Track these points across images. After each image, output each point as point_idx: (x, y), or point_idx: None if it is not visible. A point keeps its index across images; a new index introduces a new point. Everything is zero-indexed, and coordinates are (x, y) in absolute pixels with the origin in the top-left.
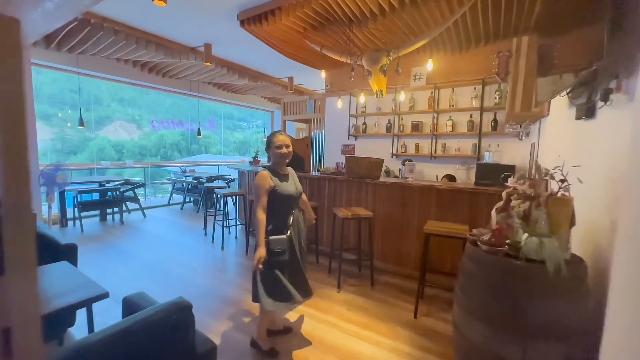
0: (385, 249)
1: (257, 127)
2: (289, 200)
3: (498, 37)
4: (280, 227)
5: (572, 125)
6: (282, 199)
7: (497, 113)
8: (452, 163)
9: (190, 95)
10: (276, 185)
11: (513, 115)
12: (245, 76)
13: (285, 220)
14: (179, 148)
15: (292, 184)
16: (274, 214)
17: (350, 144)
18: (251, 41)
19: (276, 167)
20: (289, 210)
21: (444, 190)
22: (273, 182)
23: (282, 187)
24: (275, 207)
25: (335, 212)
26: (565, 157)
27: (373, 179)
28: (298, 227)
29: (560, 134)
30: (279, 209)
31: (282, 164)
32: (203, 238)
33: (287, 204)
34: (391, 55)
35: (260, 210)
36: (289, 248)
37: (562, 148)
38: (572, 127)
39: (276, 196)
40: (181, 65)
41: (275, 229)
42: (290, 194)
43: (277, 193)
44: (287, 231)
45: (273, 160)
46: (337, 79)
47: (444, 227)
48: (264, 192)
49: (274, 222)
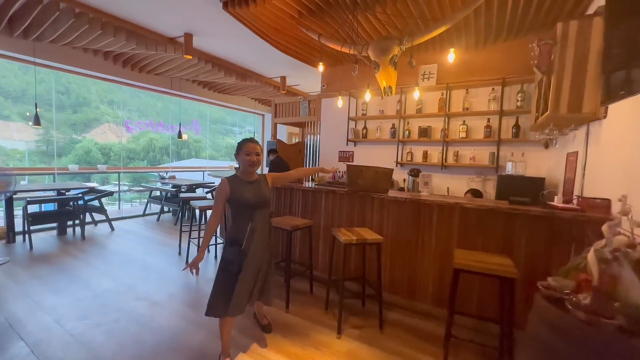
0: (395, 278)
1: (249, 132)
2: (244, 207)
3: (522, 31)
4: (237, 237)
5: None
6: (236, 206)
7: (519, 117)
8: (465, 173)
9: (171, 94)
10: (232, 191)
11: (557, 118)
12: (232, 74)
13: (241, 230)
14: (168, 152)
15: (251, 191)
16: (232, 223)
17: (348, 151)
18: (238, 32)
19: (242, 174)
20: (245, 219)
21: (471, 210)
22: (230, 188)
23: (238, 193)
24: (233, 215)
25: (335, 234)
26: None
27: (380, 193)
28: (258, 240)
29: (627, 142)
30: (235, 218)
31: (249, 172)
32: (176, 259)
33: (242, 212)
34: (404, 43)
35: (212, 217)
36: (239, 262)
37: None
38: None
39: (231, 204)
40: (159, 59)
41: (232, 239)
42: (244, 200)
43: (232, 201)
44: (242, 242)
45: (241, 166)
46: (335, 78)
47: (479, 260)
48: (220, 199)
49: (231, 231)
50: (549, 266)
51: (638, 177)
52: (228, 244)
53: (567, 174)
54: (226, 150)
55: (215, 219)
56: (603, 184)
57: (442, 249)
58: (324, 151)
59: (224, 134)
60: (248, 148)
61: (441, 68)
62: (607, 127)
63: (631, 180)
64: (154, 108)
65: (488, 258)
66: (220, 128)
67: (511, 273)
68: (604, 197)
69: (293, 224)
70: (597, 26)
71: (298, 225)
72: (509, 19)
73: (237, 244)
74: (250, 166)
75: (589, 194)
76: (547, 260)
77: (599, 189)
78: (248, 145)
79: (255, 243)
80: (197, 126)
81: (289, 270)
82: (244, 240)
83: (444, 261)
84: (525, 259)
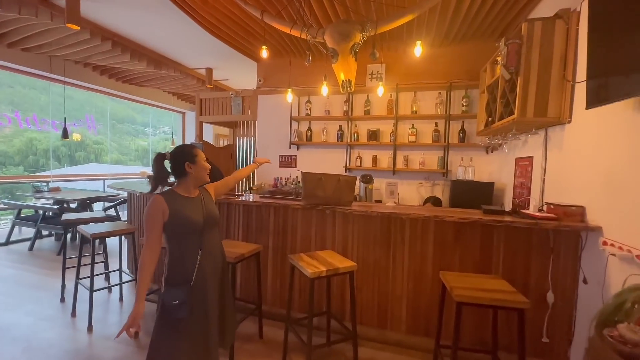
0: (364, 306)
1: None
2: (190, 232)
3: (466, 37)
4: (182, 272)
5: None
6: (179, 231)
7: (464, 122)
8: (415, 178)
9: (50, 78)
10: (172, 212)
11: (523, 122)
12: (142, 59)
13: (188, 263)
14: (57, 155)
15: (198, 209)
16: (173, 252)
17: (291, 155)
18: (151, 0)
19: (181, 189)
20: (192, 247)
21: (448, 223)
22: (168, 208)
23: (180, 214)
24: (173, 244)
25: (296, 264)
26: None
27: (344, 207)
28: (210, 270)
29: (601, 147)
30: (176, 247)
31: (204, 181)
32: (58, 308)
33: (188, 238)
34: (367, 30)
35: (146, 250)
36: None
37: (608, 166)
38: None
39: (172, 228)
40: (29, 28)
41: (175, 274)
42: (190, 222)
43: (172, 224)
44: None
45: (195, 177)
46: (274, 71)
47: (479, 287)
48: (155, 224)
49: (174, 267)
50: (529, 281)
51: (609, 183)
52: (169, 285)
53: (519, 179)
54: (137, 154)
55: (150, 252)
56: (568, 189)
57: (416, 269)
58: (262, 155)
59: (133, 135)
60: (202, 154)
61: (389, 68)
62: (571, 132)
63: (602, 185)
64: (36, 101)
65: (486, 283)
66: (129, 128)
67: (522, 303)
68: (568, 203)
69: (237, 253)
70: (560, 29)
71: (244, 254)
72: (459, 23)
73: (183, 282)
74: (207, 175)
75: (551, 200)
76: (526, 274)
77: (563, 195)
78: (199, 151)
79: (208, 275)
80: (93, 124)
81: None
82: (192, 274)
83: (419, 283)
84: (504, 274)
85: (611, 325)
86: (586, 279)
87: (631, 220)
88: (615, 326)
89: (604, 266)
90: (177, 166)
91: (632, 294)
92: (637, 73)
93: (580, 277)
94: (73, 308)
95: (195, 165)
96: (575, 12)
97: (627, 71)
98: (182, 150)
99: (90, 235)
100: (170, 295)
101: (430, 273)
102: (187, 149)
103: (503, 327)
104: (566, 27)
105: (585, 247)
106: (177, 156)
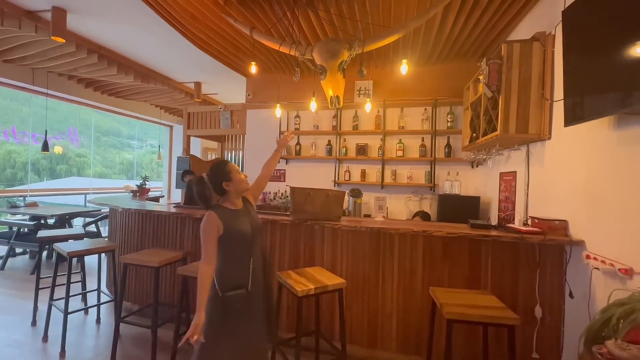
0: (353, 324)
1: (152, 146)
2: (242, 243)
3: (449, 57)
4: (237, 276)
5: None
6: (233, 242)
7: (449, 137)
8: (403, 192)
9: (32, 91)
10: (225, 226)
11: (505, 138)
12: (130, 72)
13: (242, 272)
14: (37, 169)
15: (245, 220)
16: (228, 261)
17: (279, 169)
18: (140, 15)
19: (228, 203)
20: (244, 257)
21: (437, 238)
22: (222, 223)
23: (233, 227)
24: (230, 252)
25: (284, 281)
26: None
27: (333, 222)
28: (263, 278)
29: (580, 162)
30: (232, 254)
31: (239, 196)
32: (28, 332)
33: (240, 249)
34: (354, 48)
35: (204, 263)
36: (247, 308)
37: (587, 181)
38: (622, 154)
39: (228, 239)
40: (12, 39)
41: (231, 280)
42: (243, 234)
43: (227, 237)
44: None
45: (234, 191)
46: (263, 87)
47: (469, 303)
48: (211, 239)
49: (228, 275)
50: (518, 295)
51: (589, 197)
52: (226, 291)
53: (504, 193)
54: (121, 167)
55: (208, 265)
56: (551, 203)
57: (405, 285)
58: (250, 169)
59: (119, 147)
60: (234, 167)
61: (376, 85)
62: (551, 148)
63: (582, 200)
64: (17, 113)
65: (475, 299)
66: (114, 141)
67: (512, 320)
68: (552, 217)
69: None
70: (537, 51)
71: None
72: (443, 43)
73: (240, 287)
74: (246, 185)
75: (535, 214)
76: (514, 289)
77: (546, 209)
78: (231, 165)
79: (258, 279)
80: (76, 137)
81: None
82: (248, 280)
83: (409, 299)
84: (493, 288)
85: (599, 342)
86: (572, 293)
87: (612, 233)
88: (604, 342)
89: (589, 280)
90: (217, 187)
91: (618, 309)
92: (609, 92)
93: (567, 291)
94: (45, 332)
95: (232, 182)
96: (550, 35)
97: (601, 91)
98: (216, 172)
99: (67, 253)
100: (230, 300)
101: (420, 289)
102: (220, 169)
103: (493, 343)
104: (543, 49)
105: (570, 261)
106: (213, 178)
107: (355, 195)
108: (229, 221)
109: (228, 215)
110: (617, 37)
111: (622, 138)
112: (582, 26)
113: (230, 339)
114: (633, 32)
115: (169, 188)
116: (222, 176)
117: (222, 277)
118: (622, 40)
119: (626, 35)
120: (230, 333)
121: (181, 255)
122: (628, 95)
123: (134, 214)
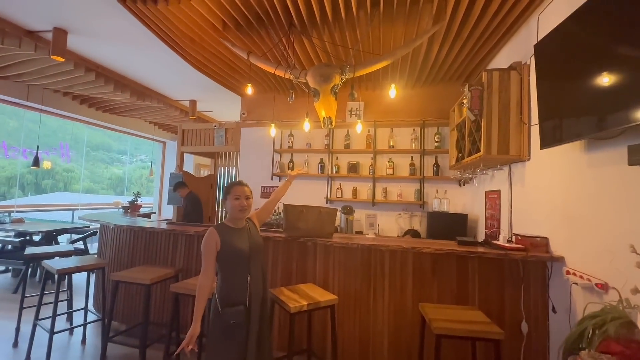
0: (345, 341)
1: (143, 162)
2: (238, 258)
3: (436, 80)
4: (235, 293)
5: (592, 174)
6: (230, 258)
7: (437, 157)
8: (394, 209)
9: (28, 107)
10: (223, 243)
11: (488, 159)
12: (126, 90)
13: (239, 288)
14: (21, 184)
15: (244, 239)
16: (227, 277)
17: (273, 186)
18: (138, 35)
19: (230, 221)
20: (242, 274)
21: (426, 255)
22: (220, 239)
23: (230, 244)
24: (227, 268)
25: (276, 298)
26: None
27: (325, 239)
28: (259, 295)
29: (556, 183)
30: (230, 270)
31: (238, 218)
32: (9, 355)
33: (237, 263)
34: (346, 73)
35: (203, 277)
36: (245, 324)
37: (564, 200)
38: (592, 176)
39: (225, 255)
40: (10, 57)
41: (229, 296)
42: (239, 251)
43: (224, 253)
44: (245, 299)
45: (229, 212)
46: (257, 106)
47: (456, 319)
48: (210, 254)
49: (227, 287)
50: (504, 311)
51: (566, 215)
52: (224, 307)
53: (489, 211)
54: (110, 182)
55: (206, 278)
56: (532, 221)
57: (396, 301)
58: None
59: (108, 162)
60: (237, 191)
61: (367, 106)
62: (530, 168)
63: (561, 218)
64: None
65: (463, 315)
66: (104, 156)
67: (497, 334)
68: (533, 234)
69: (215, 288)
70: (514, 79)
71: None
72: (429, 69)
73: (237, 303)
74: (241, 212)
75: (519, 231)
76: (501, 304)
77: (528, 226)
78: (236, 189)
79: (254, 297)
80: (67, 151)
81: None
82: (246, 297)
83: (399, 315)
84: (480, 304)
85: (576, 353)
86: (555, 307)
87: (588, 250)
88: (579, 353)
89: (569, 295)
90: (223, 203)
91: (591, 321)
92: (581, 117)
93: (550, 306)
94: (27, 354)
95: (226, 202)
96: (526, 65)
97: (571, 115)
98: (225, 187)
99: (57, 270)
100: (227, 315)
101: (410, 305)
102: (227, 186)
103: (482, 358)
104: (520, 77)
105: (552, 276)
106: (222, 194)
107: (347, 212)
108: (227, 238)
109: (227, 232)
110: (583, 67)
111: (592, 160)
112: (552, 58)
113: (228, 354)
114: (597, 63)
115: (159, 204)
116: (224, 193)
117: (221, 292)
118: (588, 70)
119: (591, 66)
120: (228, 348)
121: (173, 273)
122: (603, 119)
123: (126, 230)
